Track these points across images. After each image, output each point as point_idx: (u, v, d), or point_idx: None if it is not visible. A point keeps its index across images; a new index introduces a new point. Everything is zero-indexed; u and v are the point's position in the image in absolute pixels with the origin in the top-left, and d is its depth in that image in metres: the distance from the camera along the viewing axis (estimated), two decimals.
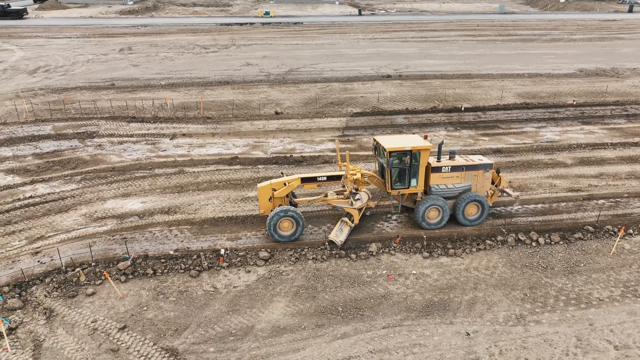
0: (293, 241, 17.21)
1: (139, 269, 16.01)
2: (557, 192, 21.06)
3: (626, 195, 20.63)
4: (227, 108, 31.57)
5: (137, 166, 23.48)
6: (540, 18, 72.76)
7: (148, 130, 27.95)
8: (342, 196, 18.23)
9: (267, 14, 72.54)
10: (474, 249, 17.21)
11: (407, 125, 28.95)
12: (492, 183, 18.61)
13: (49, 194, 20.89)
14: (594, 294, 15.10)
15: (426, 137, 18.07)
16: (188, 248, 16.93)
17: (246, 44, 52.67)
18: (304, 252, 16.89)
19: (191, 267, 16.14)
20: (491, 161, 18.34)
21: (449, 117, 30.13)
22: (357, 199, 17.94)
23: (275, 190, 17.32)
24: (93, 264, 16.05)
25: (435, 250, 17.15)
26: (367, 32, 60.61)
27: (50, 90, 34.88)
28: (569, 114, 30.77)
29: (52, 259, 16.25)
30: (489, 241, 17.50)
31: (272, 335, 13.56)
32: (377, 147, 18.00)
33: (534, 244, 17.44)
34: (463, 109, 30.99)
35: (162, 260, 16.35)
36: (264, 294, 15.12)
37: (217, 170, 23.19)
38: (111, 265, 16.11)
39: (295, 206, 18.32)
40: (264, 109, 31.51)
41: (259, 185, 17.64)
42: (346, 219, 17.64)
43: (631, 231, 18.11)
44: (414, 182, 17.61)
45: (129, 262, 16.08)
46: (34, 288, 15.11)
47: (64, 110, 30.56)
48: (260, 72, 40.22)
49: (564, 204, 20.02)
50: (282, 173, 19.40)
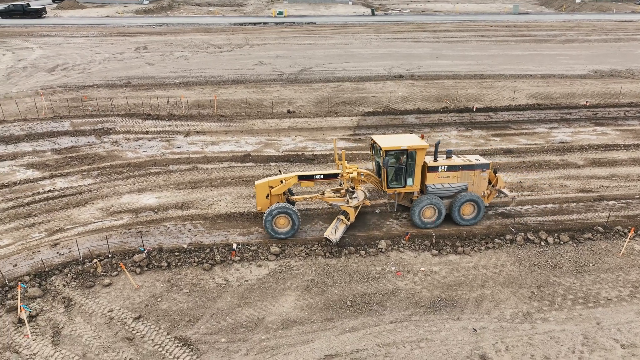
0: (289, 238, 17.45)
1: (153, 261, 16.47)
2: (567, 193, 21.08)
3: (637, 197, 20.58)
4: (240, 106, 32.01)
5: (152, 162, 24.00)
6: (555, 19, 72.14)
7: (163, 127, 28.50)
8: (339, 194, 18.45)
9: (280, 13, 72.99)
10: (483, 248, 17.37)
11: (418, 125, 29.10)
12: (490, 183, 18.69)
13: (67, 188, 21.49)
14: (602, 293, 15.18)
15: (423, 137, 18.21)
16: (201, 242, 17.36)
17: (259, 43, 53.14)
18: (314, 248, 17.20)
19: (204, 261, 16.55)
20: (488, 161, 18.41)
21: (460, 117, 30.20)
22: (353, 197, 18.16)
23: (272, 187, 17.60)
24: (109, 255, 16.55)
25: (444, 248, 17.35)
26: (380, 32, 60.72)
27: (68, 87, 35.66)
28: (582, 115, 30.64)
29: (70, 251, 16.78)
30: (497, 240, 17.64)
31: (282, 327, 13.89)
32: (374, 146, 18.21)
33: (542, 243, 17.54)
34: (475, 109, 31.04)
35: (176, 254, 16.79)
36: (274, 287, 15.46)
37: (230, 167, 23.61)
38: (127, 258, 16.59)
39: (292, 204, 18.62)
40: (276, 107, 31.88)
41: (256, 182, 17.94)
42: (342, 216, 17.85)
43: None
44: (410, 181, 17.78)
45: (144, 255, 16.55)
46: (53, 278, 15.64)
47: (81, 107, 31.25)
48: (273, 72, 40.62)
49: (574, 204, 20.05)
50: (280, 170, 19.69)
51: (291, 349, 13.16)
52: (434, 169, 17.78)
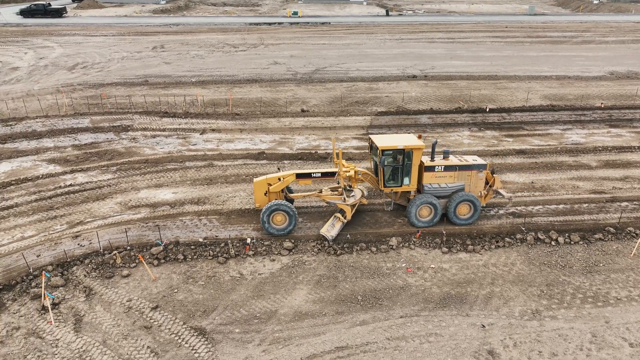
0: (286, 235, 17.77)
1: (170, 254, 16.99)
2: (579, 194, 21.12)
3: None
4: (255, 105, 32.51)
5: (168, 159, 24.59)
6: (571, 20, 71.45)
7: (179, 125, 29.11)
8: (337, 192, 18.73)
9: (295, 14, 73.49)
10: (493, 246, 17.55)
11: (431, 125, 29.29)
12: (487, 184, 18.81)
13: (87, 182, 22.16)
14: (612, 293, 15.28)
15: (420, 137, 18.47)
16: (216, 236, 17.83)
17: (274, 43, 53.66)
18: (326, 244, 17.56)
19: (219, 254, 17.02)
20: (485, 162, 18.52)
21: (473, 118, 30.30)
22: (350, 196, 18.42)
23: (270, 185, 17.94)
24: (128, 248, 17.12)
25: (455, 246, 17.57)
26: (394, 32, 60.83)
27: (88, 85, 36.52)
28: (596, 117, 30.52)
29: (90, 243, 17.39)
30: (508, 239, 17.81)
31: (294, 319, 14.27)
32: (371, 145, 18.44)
33: (553, 243, 17.66)
34: (488, 110, 31.10)
35: (192, 247, 17.29)
36: (287, 281, 15.86)
37: (245, 164, 24.08)
38: (145, 250, 17.14)
39: (291, 201, 18.95)
40: (290, 106, 32.31)
41: (255, 179, 18.29)
42: (339, 214, 18.17)
43: None
44: (406, 180, 17.99)
45: (161, 248, 17.08)
46: (74, 268, 16.25)
47: (100, 104, 32.03)
48: (287, 71, 41.07)
49: (586, 205, 20.10)
50: (279, 168, 20.02)
51: (303, 340, 13.53)
52: (430, 168, 17.96)
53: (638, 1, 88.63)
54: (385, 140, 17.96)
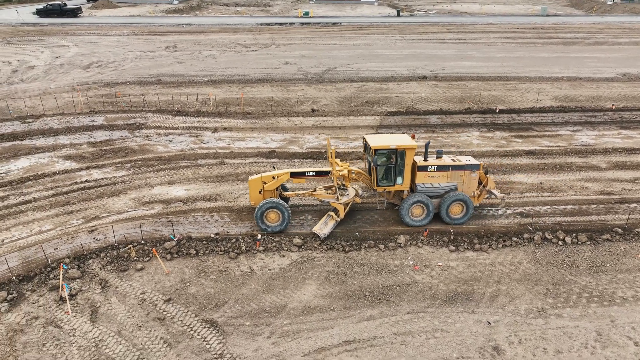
0: (280, 232, 18.08)
1: (183, 249, 17.43)
2: (588, 195, 21.19)
3: None
4: (266, 104, 32.92)
5: (181, 156, 25.08)
6: (584, 21, 70.95)
7: (192, 123, 29.62)
8: (331, 191, 18.99)
9: (306, 14, 73.86)
10: (500, 245, 17.73)
11: (440, 126, 29.46)
12: (480, 184, 18.94)
13: (102, 179, 22.71)
14: (618, 292, 15.40)
15: (413, 137, 18.63)
16: (228, 232, 18.24)
17: (285, 43, 54.07)
18: (335, 241, 17.87)
19: (230, 250, 17.42)
20: (478, 162, 18.66)
21: (482, 119, 30.40)
22: (342, 195, 18.70)
23: (265, 183, 18.27)
24: (142, 242, 17.58)
25: (462, 244, 17.78)
26: (405, 33, 60.93)
27: (103, 84, 37.21)
28: (607, 118, 30.46)
29: (105, 237, 17.89)
30: (515, 238, 17.98)
31: (303, 313, 14.61)
32: (365, 145, 18.65)
33: (560, 242, 17.79)
34: (497, 110, 31.17)
35: (204, 242, 17.71)
36: (296, 276, 16.20)
37: (256, 162, 24.48)
38: (158, 245, 17.59)
39: (286, 199, 19.26)
40: (301, 106, 32.67)
41: (250, 178, 18.58)
42: (332, 213, 18.48)
43: None
44: (399, 180, 18.19)
45: (174, 243, 17.53)
46: (90, 261, 16.75)
47: (115, 103, 32.66)
48: (298, 71, 41.43)
49: (594, 206, 20.18)
50: (274, 167, 20.30)
51: (311, 334, 13.86)
52: (423, 168, 18.16)
53: None
54: (378, 140, 18.21)
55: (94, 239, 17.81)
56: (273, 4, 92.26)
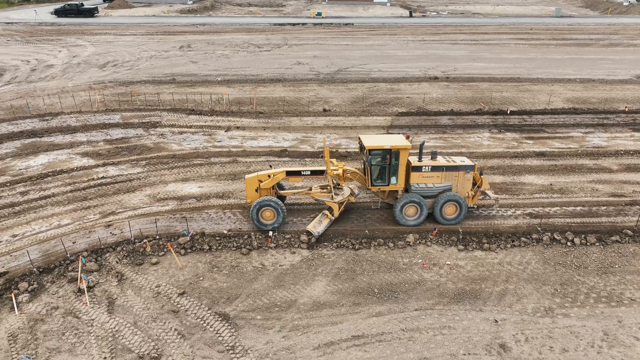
0: (274, 230, 18.36)
1: (196, 244, 17.87)
2: (598, 197, 21.23)
3: None
4: (278, 104, 33.33)
5: (195, 154, 25.58)
6: (599, 22, 70.30)
7: (205, 122, 30.13)
8: (326, 190, 19.25)
9: (319, 14, 74.20)
10: (509, 245, 17.90)
11: (450, 126, 29.60)
12: (475, 184, 19.06)
13: (118, 175, 23.29)
14: (626, 293, 15.49)
15: (408, 137, 18.80)
16: (240, 229, 18.65)
17: (298, 43, 54.47)
18: (345, 238, 18.18)
19: (242, 246, 17.82)
20: (473, 163, 18.78)
21: (493, 120, 30.47)
22: (337, 194, 18.96)
23: (261, 181, 18.58)
24: (157, 237, 18.06)
25: (470, 244, 17.98)
26: (417, 34, 60.97)
27: (118, 83, 37.94)
28: (620, 121, 30.33)
29: (122, 232, 18.41)
30: (524, 238, 18.12)
31: (313, 309, 14.95)
32: (361, 145, 18.86)
33: (569, 243, 17.90)
34: (509, 112, 31.21)
35: (217, 238, 18.14)
36: (307, 273, 16.55)
37: (268, 161, 24.87)
38: (172, 240, 18.05)
39: (282, 198, 19.58)
40: (312, 106, 33.02)
41: (246, 176, 18.87)
42: (327, 211, 18.75)
43: None
44: (393, 179, 18.40)
45: (188, 238, 17.98)
46: (107, 255, 17.27)
47: (130, 101, 33.33)
48: (310, 71, 41.79)
49: (605, 207, 20.22)
50: (271, 166, 20.57)
51: (321, 328, 14.19)
52: (418, 168, 18.35)
53: None
54: (373, 140, 18.48)
55: (110, 233, 18.34)
56: (286, 5, 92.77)
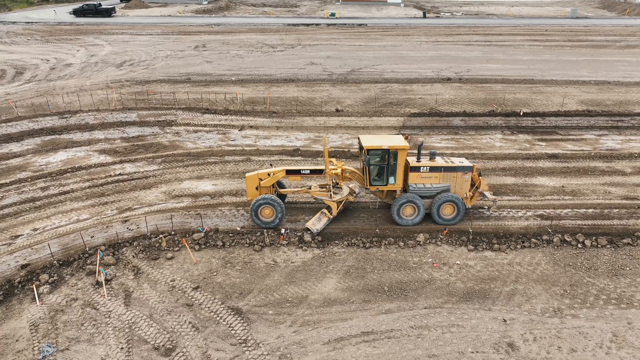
0: (273, 227, 18.66)
1: (210, 240, 18.29)
2: (610, 199, 21.19)
3: None
4: (291, 104, 33.68)
5: (209, 153, 26.04)
6: (616, 23, 69.47)
7: (219, 121, 30.61)
8: (325, 189, 19.49)
9: (332, 15, 74.46)
10: (519, 246, 17.99)
11: (463, 128, 29.66)
12: (473, 185, 19.11)
13: (134, 172, 23.83)
14: (637, 296, 15.52)
15: (407, 138, 18.90)
16: (253, 226, 19.01)
17: (311, 44, 54.81)
18: (356, 237, 18.44)
19: (255, 243, 18.19)
20: (471, 164, 18.84)
21: (506, 121, 30.45)
22: (336, 193, 19.17)
23: (261, 179, 18.86)
24: (172, 233, 18.52)
25: (480, 244, 18.12)
26: (431, 34, 60.90)
27: (135, 82, 38.63)
28: (635, 123, 30.10)
29: (138, 227, 18.90)
30: (534, 240, 18.20)
31: (323, 305, 15.24)
32: (360, 145, 19.01)
33: (579, 245, 17.94)
34: (522, 113, 31.15)
35: (230, 235, 18.53)
36: (318, 270, 16.85)
37: (280, 160, 25.23)
38: (187, 236, 18.49)
39: (282, 196, 19.83)
40: (325, 106, 33.31)
41: (247, 174, 19.17)
42: (326, 210, 19.01)
43: None
44: (392, 179, 18.56)
45: (202, 234, 18.40)
46: (124, 249, 17.76)
47: (146, 100, 33.95)
48: (323, 72, 42.08)
49: (617, 210, 20.18)
50: (271, 164, 20.83)
51: (331, 324, 14.48)
52: (416, 169, 18.50)
53: None
54: (371, 140, 18.66)
55: (127, 228, 18.84)
56: (300, 5, 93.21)
